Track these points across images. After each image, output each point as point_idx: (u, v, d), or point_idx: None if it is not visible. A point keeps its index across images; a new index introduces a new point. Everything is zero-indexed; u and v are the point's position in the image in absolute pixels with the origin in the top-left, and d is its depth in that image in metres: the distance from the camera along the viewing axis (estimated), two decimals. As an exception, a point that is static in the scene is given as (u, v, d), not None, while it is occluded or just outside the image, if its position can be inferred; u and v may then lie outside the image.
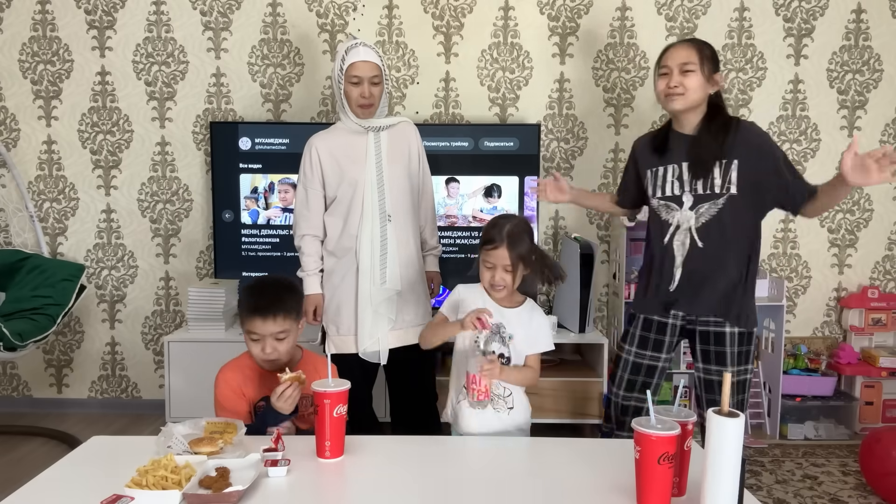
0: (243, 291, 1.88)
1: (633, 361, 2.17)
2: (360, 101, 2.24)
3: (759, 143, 2.01)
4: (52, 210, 3.49)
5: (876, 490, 2.65)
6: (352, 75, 2.22)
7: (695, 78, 2.00)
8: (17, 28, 3.40)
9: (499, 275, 1.85)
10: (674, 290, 2.07)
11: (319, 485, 1.41)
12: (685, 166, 2.05)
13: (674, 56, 2.04)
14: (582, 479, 1.41)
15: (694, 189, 2.04)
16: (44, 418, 3.40)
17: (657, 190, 2.10)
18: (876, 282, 3.50)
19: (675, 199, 2.07)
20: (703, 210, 2.03)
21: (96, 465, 1.48)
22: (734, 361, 2.07)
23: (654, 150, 2.14)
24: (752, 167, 1.99)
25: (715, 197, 2.01)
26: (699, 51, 2.03)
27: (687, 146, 2.05)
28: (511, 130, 3.31)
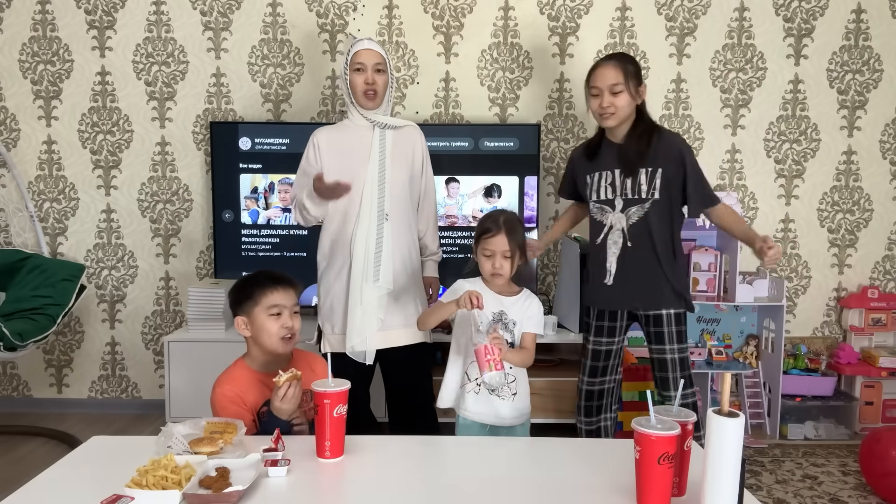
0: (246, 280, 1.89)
1: (592, 349, 2.46)
2: (364, 88, 2.28)
3: (677, 154, 2.27)
4: (52, 210, 3.49)
5: (876, 490, 2.65)
6: (356, 62, 2.28)
7: (623, 97, 2.25)
8: (17, 28, 3.40)
9: (498, 261, 1.98)
10: (610, 283, 2.34)
11: (319, 485, 1.41)
12: (616, 173, 2.31)
13: (602, 77, 2.26)
14: (582, 479, 1.41)
15: (624, 193, 2.30)
16: (44, 418, 3.40)
17: (593, 193, 2.37)
18: (876, 282, 3.50)
19: (609, 203, 2.34)
20: (632, 212, 2.30)
21: (96, 465, 1.48)
22: (672, 339, 2.33)
23: (588, 158, 2.40)
24: (672, 175, 2.27)
25: (642, 201, 2.29)
26: (624, 71, 2.25)
27: (618, 155, 2.31)
28: (511, 130, 3.31)
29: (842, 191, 3.47)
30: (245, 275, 1.99)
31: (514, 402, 2.02)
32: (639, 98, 2.31)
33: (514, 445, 1.69)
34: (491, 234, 1.98)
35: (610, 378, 2.50)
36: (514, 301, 2.04)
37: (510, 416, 2.02)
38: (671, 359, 2.35)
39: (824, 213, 3.48)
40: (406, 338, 2.34)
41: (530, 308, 2.05)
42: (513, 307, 2.03)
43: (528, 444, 1.71)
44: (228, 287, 3.19)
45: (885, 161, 3.45)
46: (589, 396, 2.51)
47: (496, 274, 1.99)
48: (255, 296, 1.80)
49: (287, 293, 1.82)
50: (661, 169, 2.27)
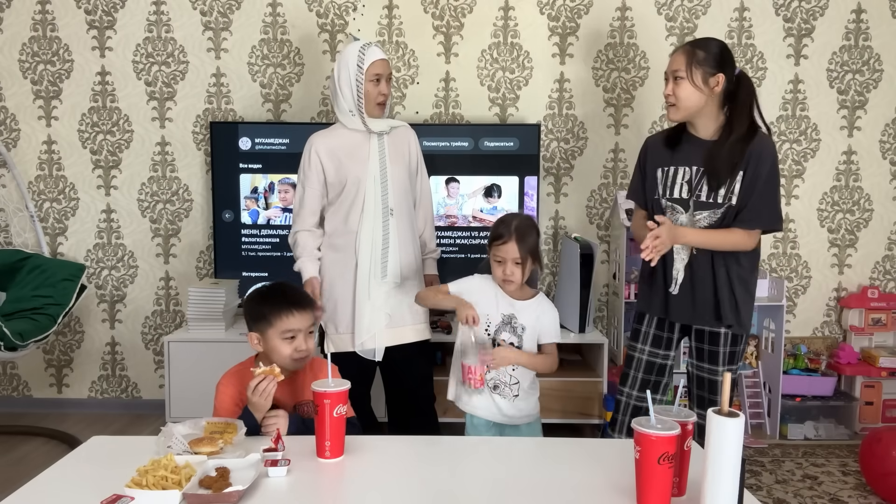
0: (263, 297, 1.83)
1: (646, 360, 2.19)
2: (380, 99, 2.30)
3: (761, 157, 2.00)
4: (52, 210, 3.49)
5: (876, 490, 2.65)
6: (373, 73, 2.26)
7: (684, 86, 2.00)
8: (17, 28, 3.40)
9: (509, 268, 1.97)
10: (676, 292, 2.10)
11: (319, 485, 1.41)
12: (695, 171, 2.04)
13: (670, 62, 2.05)
14: (582, 479, 1.41)
15: (697, 196, 2.04)
16: (44, 418, 3.40)
17: (666, 190, 2.09)
18: (876, 282, 3.50)
19: (682, 202, 2.07)
20: (700, 217, 2.04)
21: (96, 465, 1.48)
22: (724, 361, 2.11)
23: (666, 149, 2.12)
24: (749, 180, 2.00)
25: (715, 206, 2.02)
26: (689, 56, 2.00)
27: (702, 152, 2.03)
28: (511, 130, 3.31)
29: (842, 191, 3.47)
30: (261, 288, 1.92)
31: (514, 402, 2.04)
32: (707, 90, 1.99)
33: (514, 446, 1.69)
34: (502, 240, 1.97)
35: (662, 397, 2.23)
36: (526, 305, 2.04)
37: (513, 416, 2.04)
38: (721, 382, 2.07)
39: (824, 213, 3.48)
40: (413, 335, 2.35)
41: (544, 316, 2.06)
42: (524, 311, 2.03)
43: (528, 444, 1.71)
44: (228, 287, 3.23)
45: (885, 161, 3.45)
46: (635, 411, 2.20)
47: (507, 280, 1.99)
48: (270, 318, 1.75)
49: (303, 316, 1.76)
50: (742, 172, 1.99)
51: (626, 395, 2.23)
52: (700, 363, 2.16)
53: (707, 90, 1.99)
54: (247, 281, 3.35)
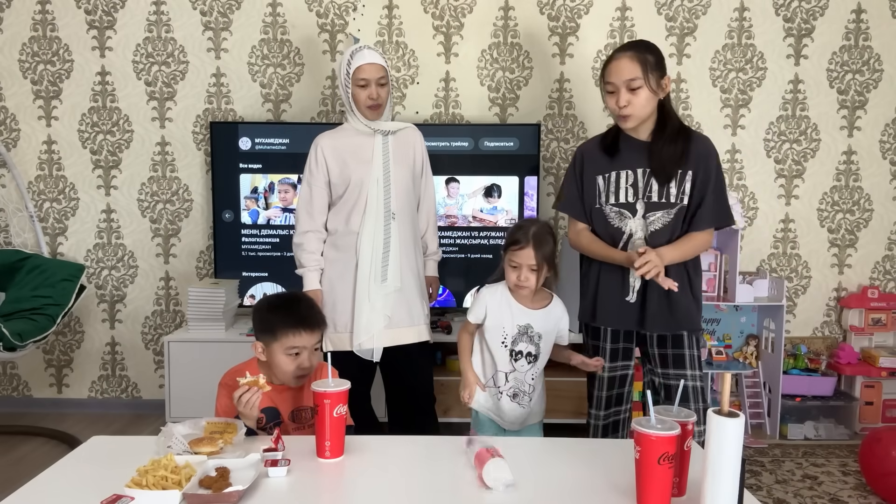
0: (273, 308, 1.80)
1: (608, 377, 2.14)
2: (369, 103, 2.27)
3: (709, 157, 2.02)
4: (52, 210, 3.49)
5: (876, 490, 2.65)
6: (359, 78, 2.25)
7: (642, 93, 1.95)
8: (17, 28, 3.40)
9: (524, 274, 1.96)
10: (633, 300, 2.04)
11: (319, 485, 1.41)
12: (640, 173, 2.02)
13: (618, 71, 1.96)
14: (582, 479, 1.41)
15: (647, 196, 2.01)
16: (44, 418, 3.40)
17: (610, 196, 2.05)
18: (876, 282, 3.50)
19: (629, 207, 2.04)
20: (653, 218, 2.02)
21: (96, 465, 1.48)
22: (693, 364, 2.06)
23: (604, 155, 2.08)
24: (701, 179, 2.00)
25: (668, 206, 2.01)
26: (643, 62, 1.95)
27: (643, 153, 2.02)
28: (511, 130, 3.31)
29: (842, 191, 3.46)
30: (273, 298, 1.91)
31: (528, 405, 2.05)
32: (661, 92, 1.99)
33: (514, 446, 1.69)
34: (519, 246, 1.95)
35: (625, 407, 2.18)
36: (542, 314, 2.03)
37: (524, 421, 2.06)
38: (693, 386, 2.06)
39: (824, 213, 3.48)
40: (412, 336, 2.35)
41: (560, 322, 2.07)
42: (539, 320, 2.03)
43: (529, 444, 1.71)
44: (228, 287, 3.23)
45: (885, 161, 3.45)
46: (604, 431, 2.17)
47: (520, 286, 1.98)
48: (277, 332, 1.73)
49: (311, 335, 1.74)
50: (691, 171, 2.00)
51: (593, 416, 2.17)
52: (666, 370, 2.08)
53: (659, 93, 1.98)
54: (247, 281, 3.35)
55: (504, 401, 2.04)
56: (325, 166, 2.33)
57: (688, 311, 2.05)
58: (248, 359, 1.84)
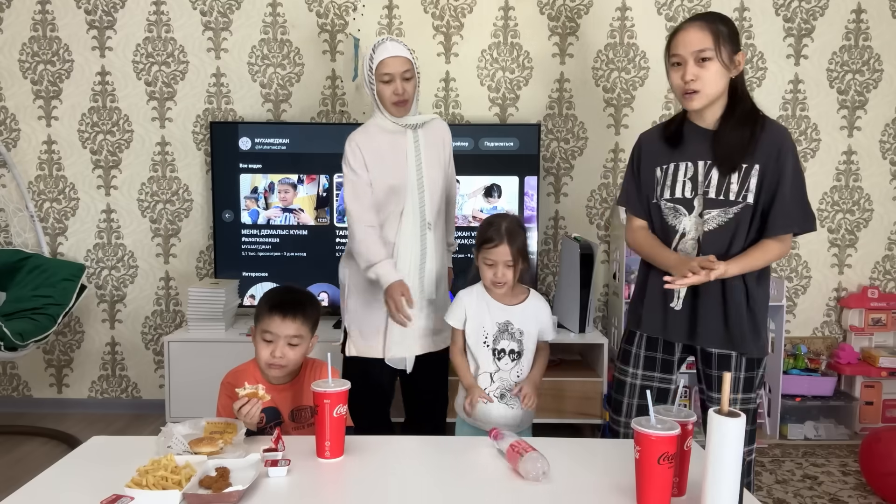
0: (266, 292, 1.84)
1: (640, 385, 1.89)
2: (394, 99, 2.14)
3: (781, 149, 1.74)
4: (52, 210, 3.49)
5: (876, 490, 2.65)
6: (383, 73, 2.12)
7: (713, 67, 1.72)
8: (17, 28, 3.40)
9: (500, 271, 1.93)
10: (678, 308, 1.82)
11: (319, 485, 1.41)
12: (701, 165, 1.78)
13: (686, 42, 1.74)
14: (582, 479, 1.41)
15: (705, 192, 1.77)
16: (44, 418, 3.40)
17: (665, 190, 1.82)
18: (876, 282, 3.50)
19: (685, 203, 1.80)
20: (710, 217, 1.77)
21: (96, 465, 1.48)
22: (738, 388, 1.81)
23: (665, 144, 1.85)
24: (770, 175, 1.73)
25: (728, 204, 1.75)
26: (715, 32, 1.71)
27: (708, 142, 1.78)
28: (511, 130, 3.31)
29: (842, 191, 3.46)
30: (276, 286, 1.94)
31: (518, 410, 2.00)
32: (734, 69, 1.75)
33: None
34: (493, 243, 1.93)
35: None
36: (520, 309, 2.00)
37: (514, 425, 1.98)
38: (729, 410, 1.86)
39: (824, 213, 3.48)
40: (441, 342, 2.28)
41: (540, 314, 2.02)
42: (519, 315, 1.99)
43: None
44: (228, 287, 3.23)
45: (885, 161, 3.45)
46: None
47: (498, 283, 1.95)
48: (258, 315, 1.77)
49: (286, 322, 1.72)
50: (758, 165, 1.73)
51: (622, 424, 1.92)
52: (710, 392, 1.85)
53: (731, 69, 1.75)
54: (247, 281, 3.35)
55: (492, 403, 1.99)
56: (364, 166, 2.18)
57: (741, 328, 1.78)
58: (251, 359, 1.84)
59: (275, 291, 1.86)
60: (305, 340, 1.77)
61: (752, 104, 1.80)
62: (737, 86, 1.78)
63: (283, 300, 1.77)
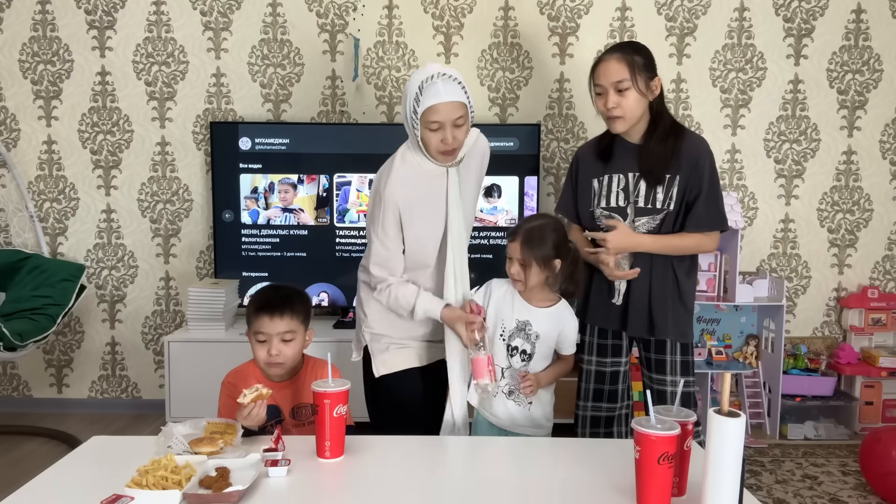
0: (252, 295, 1.85)
1: (595, 371, 2.14)
2: (442, 148, 1.83)
3: (699, 159, 1.98)
4: (52, 210, 3.49)
5: (876, 490, 2.65)
6: (430, 121, 1.80)
7: (631, 95, 1.94)
8: (17, 28, 3.40)
9: (514, 267, 1.92)
10: (619, 302, 2.06)
11: (319, 485, 1.42)
12: (631, 177, 2.01)
13: (606, 73, 1.96)
14: (582, 479, 1.41)
15: (636, 201, 2.01)
16: (44, 418, 3.40)
17: (601, 199, 2.06)
18: (876, 282, 3.50)
19: (619, 211, 2.03)
20: (639, 224, 2.01)
21: (96, 465, 1.48)
22: (674, 370, 2.05)
23: (598, 158, 2.08)
24: (690, 183, 1.98)
25: (655, 212, 2.00)
26: (630, 64, 1.94)
27: (635, 156, 2.01)
28: (511, 130, 3.31)
29: (842, 191, 3.46)
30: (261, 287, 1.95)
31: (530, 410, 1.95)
32: (651, 94, 1.98)
33: (514, 445, 1.69)
34: (511, 238, 1.93)
35: (620, 405, 2.15)
36: (544, 313, 1.93)
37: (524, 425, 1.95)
38: (671, 392, 2.04)
39: (824, 213, 3.48)
40: None
41: (566, 327, 1.95)
42: (540, 319, 1.92)
43: (529, 444, 1.71)
44: (228, 287, 3.23)
45: (885, 161, 3.45)
46: (595, 423, 2.14)
47: (515, 280, 1.93)
48: (249, 319, 1.79)
49: (275, 321, 1.72)
50: (679, 176, 1.98)
51: (581, 407, 2.18)
52: (650, 373, 2.11)
53: (648, 94, 1.97)
54: (247, 281, 3.35)
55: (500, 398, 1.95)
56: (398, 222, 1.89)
57: (673, 318, 2.04)
58: (250, 359, 1.85)
59: (260, 293, 1.86)
60: (299, 335, 1.78)
61: (672, 121, 2.03)
62: (654, 106, 2.00)
63: (268, 299, 1.78)
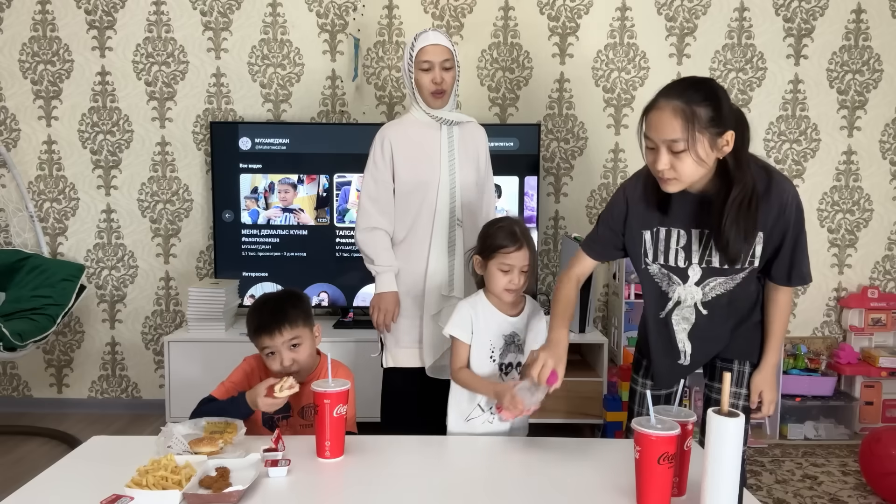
0: (249, 312, 1.82)
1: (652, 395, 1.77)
2: (433, 88, 2.14)
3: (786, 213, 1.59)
4: (52, 210, 3.49)
5: (876, 490, 2.65)
6: (422, 61, 2.13)
7: (688, 159, 1.45)
8: (17, 28, 3.40)
9: (516, 278, 1.79)
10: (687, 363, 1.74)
11: (319, 485, 1.41)
12: (695, 235, 1.61)
13: (657, 126, 1.47)
14: (582, 479, 1.41)
15: (706, 261, 1.62)
16: (44, 418, 3.40)
17: (658, 255, 1.67)
18: (876, 282, 3.50)
19: (679, 272, 1.66)
20: (713, 284, 1.65)
21: (96, 465, 1.48)
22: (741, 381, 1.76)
23: (651, 207, 1.66)
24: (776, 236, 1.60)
25: (734, 272, 1.63)
26: (689, 119, 1.43)
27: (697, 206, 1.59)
28: (511, 130, 3.31)
29: (842, 191, 3.47)
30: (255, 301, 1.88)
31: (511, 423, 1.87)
32: (719, 152, 1.48)
33: (514, 445, 1.69)
34: (514, 247, 1.78)
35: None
36: (522, 319, 1.87)
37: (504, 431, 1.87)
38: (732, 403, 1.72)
39: (824, 213, 3.48)
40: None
41: (539, 324, 1.88)
42: (522, 325, 1.86)
43: (528, 443, 1.71)
44: (228, 287, 3.22)
45: (885, 161, 3.45)
46: None
47: (511, 290, 1.80)
48: (253, 338, 1.79)
49: (275, 336, 1.73)
50: (762, 233, 1.58)
51: None
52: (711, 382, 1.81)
53: (713, 153, 1.48)
54: (247, 281, 3.35)
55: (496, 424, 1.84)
56: (391, 160, 2.18)
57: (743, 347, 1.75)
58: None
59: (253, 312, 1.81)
60: (306, 337, 1.78)
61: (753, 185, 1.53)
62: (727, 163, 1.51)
63: (262, 320, 1.76)
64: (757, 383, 1.73)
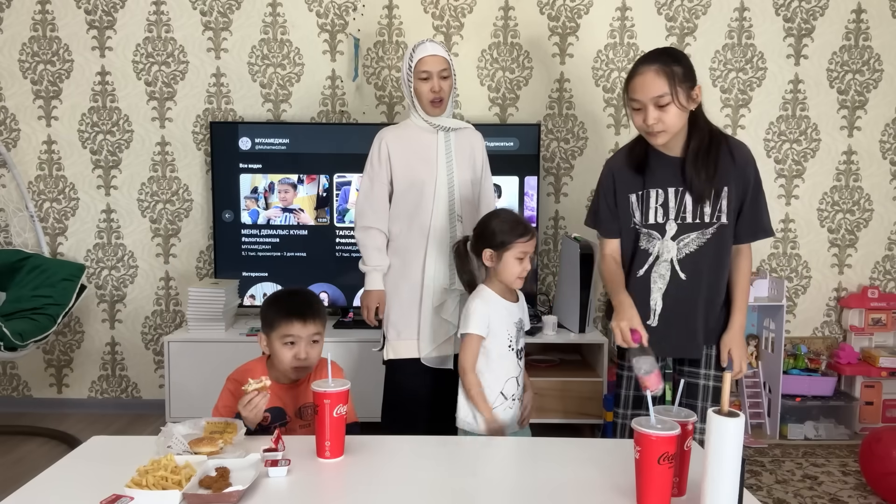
0: (272, 301, 1.86)
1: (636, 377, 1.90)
2: (431, 97, 2.26)
3: (746, 168, 1.87)
4: (52, 210, 3.49)
5: (876, 490, 2.65)
6: (421, 71, 2.25)
7: (672, 110, 1.77)
8: (17, 28, 3.40)
9: (527, 264, 1.93)
10: (655, 324, 1.91)
11: (319, 485, 1.41)
12: (671, 192, 1.87)
13: (643, 88, 1.78)
14: (582, 479, 1.41)
15: (681, 217, 1.87)
16: (44, 418, 3.40)
17: (639, 215, 1.91)
18: (876, 282, 3.50)
19: (658, 228, 1.89)
20: (687, 241, 1.87)
21: (96, 465, 1.48)
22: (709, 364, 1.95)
23: (634, 172, 1.91)
24: (740, 193, 1.86)
25: (703, 226, 1.87)
26: (670, 76, 1.76)
27: (673, 168, 1.87)
28: (511, 130, 3.31)
29: (842, 191, 3.47)
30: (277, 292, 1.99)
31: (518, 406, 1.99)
32: (693, 104, 1.82)
33: (514, 445, 1.69)
34: (530, 235, 1.92)
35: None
36: (521, 305, 2.02)
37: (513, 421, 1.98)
38: (703, 385, 1.95)
39: (824, 213, 3.48)
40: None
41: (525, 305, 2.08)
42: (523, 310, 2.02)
43: (529, 443, 1.71)
44: (228, 287, 3.22)
45: (885, 161, 3.45)
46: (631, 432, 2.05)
47: (522, 277, 1.94)
48: (273, 322, 1.77)
49: (308, 325, 1.76)
50: (726, 187, 1.85)
51: (620, 416, 2.03)
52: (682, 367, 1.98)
53: (689, 105, 1.81)
54: (247, 281, 3.35)
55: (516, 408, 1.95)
56: (388, 161, 2.30)
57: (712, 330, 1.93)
58: (256, 357, 1.85)
59: (284, 297, 1.89)
60: (323, 337, 1.81)
61: (710, 130, 1.87)
62: (694, 114, 1.85)
63: (299, 304, 1.80)
64: (725, 342, 1.92)
